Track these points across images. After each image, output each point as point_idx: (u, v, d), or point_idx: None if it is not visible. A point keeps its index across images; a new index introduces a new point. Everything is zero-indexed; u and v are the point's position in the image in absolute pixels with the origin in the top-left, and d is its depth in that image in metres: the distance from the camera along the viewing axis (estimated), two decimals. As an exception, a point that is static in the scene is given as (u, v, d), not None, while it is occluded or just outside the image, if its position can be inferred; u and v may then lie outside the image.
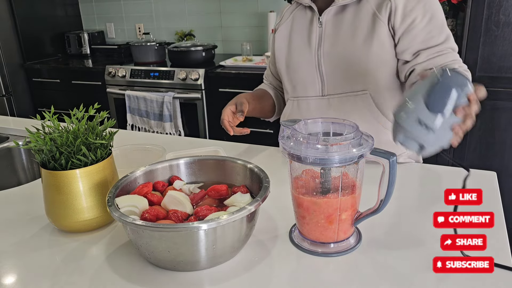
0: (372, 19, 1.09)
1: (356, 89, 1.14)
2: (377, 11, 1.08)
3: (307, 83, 1.20)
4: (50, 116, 0.87)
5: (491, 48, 2.10)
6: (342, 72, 1.14)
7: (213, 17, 3.26)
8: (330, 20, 1.14)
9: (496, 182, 1.02)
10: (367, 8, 1.10)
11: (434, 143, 0.75)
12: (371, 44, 1.09)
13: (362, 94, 1.13)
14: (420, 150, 0.77)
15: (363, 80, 1.12)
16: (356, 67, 1.12)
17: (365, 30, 1.10)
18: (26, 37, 3.27)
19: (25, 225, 0.91)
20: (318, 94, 1.19)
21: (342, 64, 1.13)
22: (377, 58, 1.10)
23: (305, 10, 1.21)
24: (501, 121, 2.16)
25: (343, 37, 1.12)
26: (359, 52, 1.10)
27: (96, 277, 0.74)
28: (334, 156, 0.69)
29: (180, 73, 2.76)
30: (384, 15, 1.07)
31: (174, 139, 1.66)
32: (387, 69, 1.13)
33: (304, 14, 1.20)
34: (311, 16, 1.18)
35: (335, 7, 1.12)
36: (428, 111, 0.73)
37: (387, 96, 1.15)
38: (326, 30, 1.15)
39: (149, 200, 0.82)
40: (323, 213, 0.75)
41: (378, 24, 1.08)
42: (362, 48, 1.10)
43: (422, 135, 0.74)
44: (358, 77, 1.13)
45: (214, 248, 0.71)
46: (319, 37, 1.16)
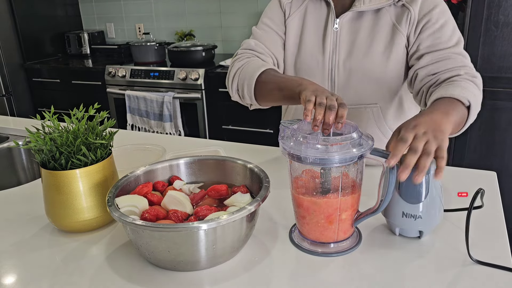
0: (391, 30, 1.05)
1: (367, 101, 1.10)
2: (397, 23, 1.05)
3: None
4: (50, 116, 0.87)
5: (491, 48, 2.10)
6: (356, 84, 1.10)
7: (213, 17, 3.26)
8: (346, 25, 1.09)
9: (496, 182, 1.02)
10: (386, 19, 1.06)
11: (428, 224, 0.77)
12: (389, 57, 1.05)
13: (372, 106, 1.11)
14: (420, 234, 0.80)
15: (376, 93, 1.10)
16: (371, 80, 1.08)
17: (383, 42, 1.06)
18: (26, 37, 3.27)
19: (25, 225, 0.91)
20: None
21: (356, 75, 1.09)
22: (393, 72, 1.07)
23: (320, 3, 1.13)
24: (501, 121, 2.16)
25: (359, 47, 1.08)
26: (376, 65, 1.06)
27: (96, 277, 0.74)
28: (334, 156, 0.69)
29: (180, 73, 2.76)
30: (404, 27, 1.04)
31: (174, 139, 1.66)
32: (401, 83, 1.11)
33: (319, 8, 1.12)
34: (326, 14, 1.11)
35: (352, 13, 1.07)
36: (407, 204, 0.76)
37: (395, 108, 1.13)
38: (342, 35, 1.09)
39: (149, 200, 0.82)
40: (323, 213, 0.75)
41: (398, 37, 1.05)
42: (379, 61, 1.06)
43: (414, 225, 0.78)
44: (371, 90, 1.09)
45: (214, 248, 0.71)
46: (334, 42, 1.10)
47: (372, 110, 1.11)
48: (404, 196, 0.76)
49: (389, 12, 1.06)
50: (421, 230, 0.79)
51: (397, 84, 1.11)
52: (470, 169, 1.10)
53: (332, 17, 1.10)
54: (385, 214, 0.81)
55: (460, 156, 2.26)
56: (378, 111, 1.11)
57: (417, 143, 0.69)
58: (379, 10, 1.06)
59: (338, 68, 1.10)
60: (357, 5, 1.06)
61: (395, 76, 1.09)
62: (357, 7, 1.06)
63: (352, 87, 1.10)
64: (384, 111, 1.12)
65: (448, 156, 0.76)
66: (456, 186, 0.96)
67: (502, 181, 1.03)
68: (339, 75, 1.11)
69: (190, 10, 3.33)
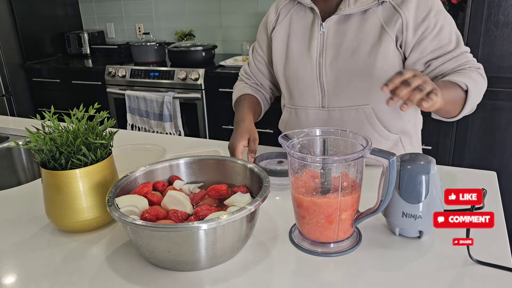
0: (379, 32, 1.05)
1: (358, 102, 1.11)
2: (385, 25, 1.04)
3: (306, 93, 1.15)
4: (50, 116, 0.87)
5: (491, 48, 2.10)
6: (345, 85, 1.10)
7: (213, 17, 3.26)
8: (332, 28, 1.09)
9: (496, 182, 1.02)
10: (374, 20, 1.06)
11: (428, 224, 0.77)
12: (376, 58, 1.05)
13: (364, 106, 1.11)
14: (420, 233, 0.80)
15: (366, 94, 1.10)
16: (359, 81, 1.08)
17: (370, 43, 1.06)
18: (26, 37, 3.27)
19: (25, 225, 0.91)
20: (318, 106, 1.15)
21: (344, 77, 1.09)
22: (381, 73, 1.07)
23: (305, 11, 1.15)
24: (501, 121, 2.16)
25: (346, 49, 1.08)
26: (363, 65, 1.07)
27: (96, 277, 0.74)
28: (334, 156, 0.69)
29: (180, 73, 2.76)
30: (393, 30, 1.04)
31: (174, 139, 1.67)
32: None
33: (304, 16, 1.15)
34: (312, 20, 1.13)
35: (338, 16, 1.07)
36: (407, 203, 0.77)
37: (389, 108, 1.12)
38: (328, 38, 1.09)
39: (149, 200, 0.82)
40: (323, 213, 0.75)
41: (385, 38, 1.04)
42: (366, 61, 1.06)
43: (414, 225, 0.78)
44: (361, 90, 1.09)
45: (214, 248, 0.71)
46: (321, 46, 1.10)
47: (364, 111, 1.11)
48: (404, 196, 0.76)
49: (376, 13, 1.06)
50: (421, 230, 0.79)
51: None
52: (470, 169, 1.10)
53: (318, 21, 1.11)
54: (385, 214, 0.81)
55: (460, 156, 2.26)
56: (370, 112, 1.11)
57: (412, 79, 0.77)
58: (366, 11, 1.07)
59: (325, 70, 1.11)
60: (343, 8, 1.06)
61: (384, 76, 1.08)
62: (342, 10, 1.06)
63: (342, 88, 1.11)
64: (377, 112, 1.12)
65: (448, 156, 0.76)
66: (456, 186, 0.96)
67: (502, 181, 1.03)
68: (327, 77, 1.11)
69: (190, 10, 3.33)
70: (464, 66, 1.04)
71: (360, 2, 1.05)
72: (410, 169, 0.76)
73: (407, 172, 0.76)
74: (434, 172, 0.76)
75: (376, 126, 1.13)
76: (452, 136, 2.24)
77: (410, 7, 1.03)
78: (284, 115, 1.25)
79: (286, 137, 0.79)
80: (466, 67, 1.03)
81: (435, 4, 1.04)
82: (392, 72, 1.07)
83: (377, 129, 1.13)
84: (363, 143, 0.75)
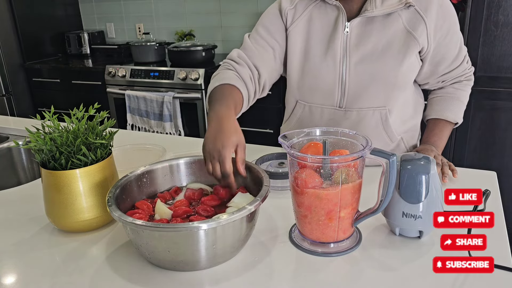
0: (405, 36, 1.04)
1: (376, 104, 1.10)
2: (411, 29, 1.04)
3: (325, 92, 1.13)
4: (50, 116, 0.87)
5: (491, 48, 2.10)
6: (366, 87, 1.09)
7: (213, 17, 3.26)
8: (356, 29, 1.07)
9: (496, 182, 1.02)
10: (398, 23, 1.04)
11: (428, 224, 0.77)
12: (402, 62, 1.05)
13: (381, 109, 1.10)
14: (420, 234, 0.80)
15: (387, 97, 1.09)
16: (382, 84, 1.08)
17: (397, 47, 1.05)
18: (26, 37, 3.27)
19: (25, 225, 0.91)
20: (335, 105, 1.13)
21: (368, 79, 1.08)
22: (405, 77, 1.07)
23: (326, 8, 1.10)
24: (501, 121, 2.16)
25: (372, 52, 1.06)
26: (389, 68, 1.06)
27: (96, 277, 0.74)
28: (334, 156, 0.69)
29: (180, 73, 2.76)
30: (420, 36, 1.04)
31: (174, 139, 1.67)
32: (411, 87, 1.13)
33: (325, 13, 1.10)
34: (335, 18, 1.09)
35: (361, 18, 1.05)
36: (407, 203, 0.77)
37: (399, 110, 1.13)
38: (352, 40, 1.07)
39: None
40: (324, 208, 0.74)
41: (412, 43, 1.04)
42: (392, 65, 1.06)
43: (414, 225, 0.78)
44: (381, 93, 1.09)
45: (214, 248, 0.71)
46: (344, 47, 1.08)
47: (381, 113, 1.11)
48: (404, 196, 0.76)
49: (400, 16, 1.04)
50: (421, 230, 0.79)
51: (406, 86, 1.11)
52: (470, 169, 1.10)
53: (343, 21, 1.07)
54: (385, 214, 0.81)
55: (460, 156, 2.26)
56: (386, 114, 1.11)
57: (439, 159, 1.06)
58: (389, 14, 1.05)
59: (349, 71, 1.09)
60: (369, 9, 1.04)
61: (405, 80, 1.09)
62: (369, 11, 1.04)
63: (363, 90, 1.10)
64: (390, 113, 1.12)
65: (448, 156, 0.76)
66: (456, 186, 0.96)
67: (502, 181, 1.03)
68: (350, 79, 1.09)
69: (190, 10, 3.33)
70: (460, 79, 1.17)
71: (387, 4, 1.03)
72: (410, 169, 0.76)
73: (407, 172, 0.76)
74: (434, 172, 0.76)
75: (388, 128, 1.13)
76: (452, 136, 2.24)
77: (431, 13, 1.04)
78: (297, 111, 1.20)
79: (286, 137, 0.79)
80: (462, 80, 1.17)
81: (452, 11, 1.07)
82: (412, 75, 1.12)
83: (387, 130, 1.13)
84: (363, 143, 0.75)
